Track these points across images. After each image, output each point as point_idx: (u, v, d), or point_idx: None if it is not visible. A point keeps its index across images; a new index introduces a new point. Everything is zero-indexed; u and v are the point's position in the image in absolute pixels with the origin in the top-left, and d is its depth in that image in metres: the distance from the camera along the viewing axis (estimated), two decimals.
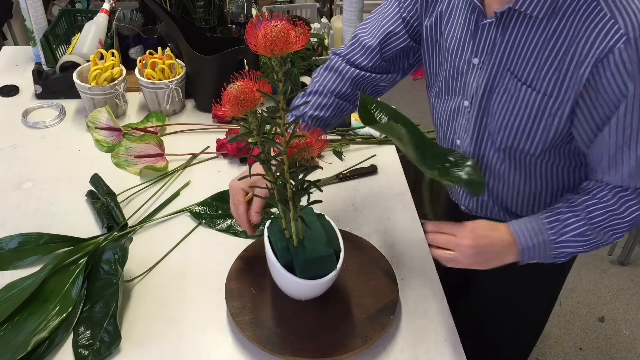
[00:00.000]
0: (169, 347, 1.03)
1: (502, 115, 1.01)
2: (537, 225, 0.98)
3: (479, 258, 0.98)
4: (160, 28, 1.67)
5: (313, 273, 1.00)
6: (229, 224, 1.27)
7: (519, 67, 0.95)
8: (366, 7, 1.84)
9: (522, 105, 0.97)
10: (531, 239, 0.97)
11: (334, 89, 1.17)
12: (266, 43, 0.79)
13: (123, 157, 1.45)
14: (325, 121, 1.17)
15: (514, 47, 0.95)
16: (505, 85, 0.98)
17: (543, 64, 0.92)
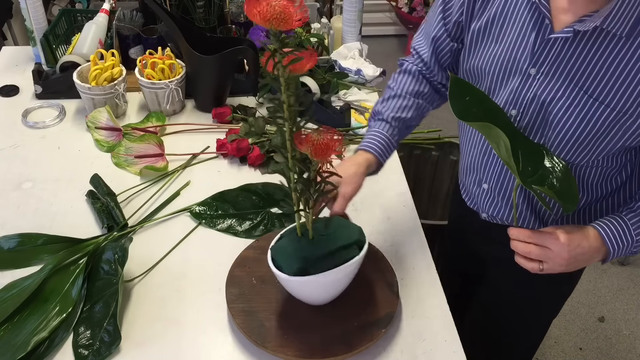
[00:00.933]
0: (169, 347, 1.03)
1: (565, 128, 0.98)
2: (624, 227, 0.98)
3: (570, 266, 0.97)
4: (160, 28, 1.67)
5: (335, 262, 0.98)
6: (229, 224, 1.27)
7: (590, 83, 0.93)
8: (366, 7, 1.84)
9: (590, 120, 0.95)
10: (621, 242, 0.98)
11: (412, 89, 1.18)
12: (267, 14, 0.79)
13: (123, 157, 1.45)
14: (407, 122, 1.17)
15: (586, 63, 0.93)
16: (570, 99, 0.95)
17: (622, 81, 0.90)
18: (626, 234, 0.98)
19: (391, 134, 1.15)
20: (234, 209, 1.30)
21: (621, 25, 0.87)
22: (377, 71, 1.71)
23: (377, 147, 1.13)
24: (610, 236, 0.98)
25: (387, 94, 1.20)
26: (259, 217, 1.28)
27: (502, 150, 0.91)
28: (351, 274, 1.03)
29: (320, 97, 1.62)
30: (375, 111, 1.19)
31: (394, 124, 1.16)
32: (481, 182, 1.16)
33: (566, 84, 0.96)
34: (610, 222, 0.99)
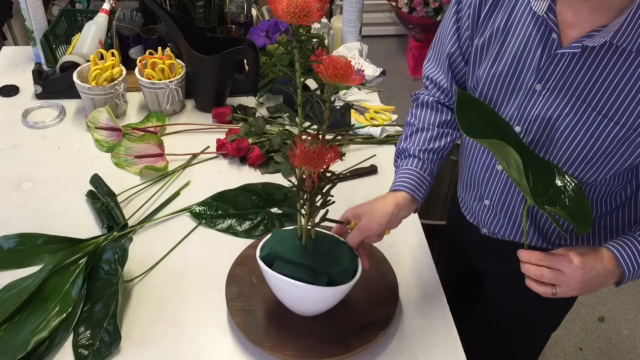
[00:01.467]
0: (169, 347, 1.03)
1: (573, 146, 0.96)
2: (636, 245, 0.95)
3: (584, 290, 0.94)
4: (160, 28, 1.67)
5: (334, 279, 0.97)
6: (229, 224, 1.27)
7: (599, 100, 0.91)
8: (366, 7, 1.84)
9: (599, 138, 0.93)
10: (637, 264, 0.95)
11: (434, 120, 1.12)
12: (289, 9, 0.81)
13: (123, 157, 1.45)
14: (438, 152, 1.11)
15: (595, 79, 0.91)
16: (577, 116, 0.93)
17: (632, 97, 0.88)
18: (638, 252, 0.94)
19: (421, 167, 1.08)
20: (234, 209, 1.30)
21: (632, 40, 0.85)
22: (377, 71, 1.71)
23: (407, 183, 1.05)
24: (625, 257, 0.94)
25: (408, 131, 1.14)
26: (259, 217, 1.28)
27: (512, 169, 0.88)
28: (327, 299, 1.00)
29: None
30: (399, 150, 1.13)
31: (423, 157, 1.09)
32: (482, 198, 1.13)
33: (573, 100, 0.93)
34: (625, 242, 0.95)
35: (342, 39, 1.83)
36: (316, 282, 0.96)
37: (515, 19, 0.96)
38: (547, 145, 0.98)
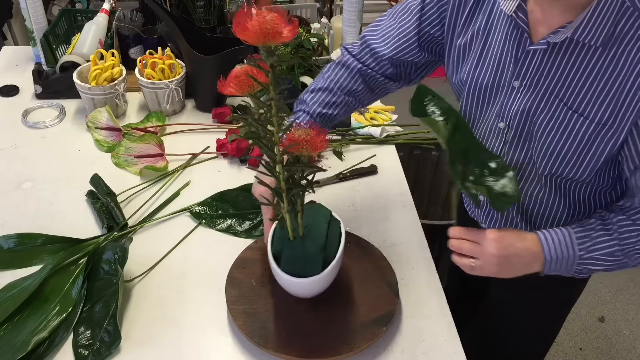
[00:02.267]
0: (169, 347, 1.03)
1: (548, 141, 0.97)
2: (567, 239, 0.96)
3: (504, 267, 0.96)
4: (160, 28, 1.67)
5: (296, 270, 1.00)
6: (229, 224, 1.27)
7: (570, 95, 0.93)
8: (366, 7, 1.84)
9: (571, 133, 0.94)
10: (559, 252, 0.96)
11: (345, 85, 1.15)
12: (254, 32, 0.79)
13: (123, 157, 1.45)
14: (331, 119, 1.16)
15: (565, 75, 0.92)
16: (552, 111, 0.95)
17: (599, 92, 0.90)
18: (567, 246, 0.96)
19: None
20: (234, 209, 1.30)
21: (594, 36, 0.87)
22: None
23: None
24: (548, 242, 0.96)
25: (319, 84, 1.16)
26: (259, 217, 1.28)
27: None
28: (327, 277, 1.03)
29: None
30: (301, 100, 1.16)
31: (317, 120, 1.13)
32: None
33: (547, 96, 0.95)
34: (555, 231, 0.97)
35: (342, 39, 1.83)
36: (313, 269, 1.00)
37: (494, 20, 0.99)
38: (528, 140, 1.00)
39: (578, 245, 0.96)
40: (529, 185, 1.06)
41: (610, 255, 0.95)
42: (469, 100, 1.07)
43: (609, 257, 0.95)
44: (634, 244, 0.94)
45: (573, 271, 0.98)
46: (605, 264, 0.96)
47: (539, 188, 1.05)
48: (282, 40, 0.81)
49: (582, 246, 0.96)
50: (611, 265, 0.96)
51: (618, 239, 0.95)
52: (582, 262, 0.96)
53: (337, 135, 1.53)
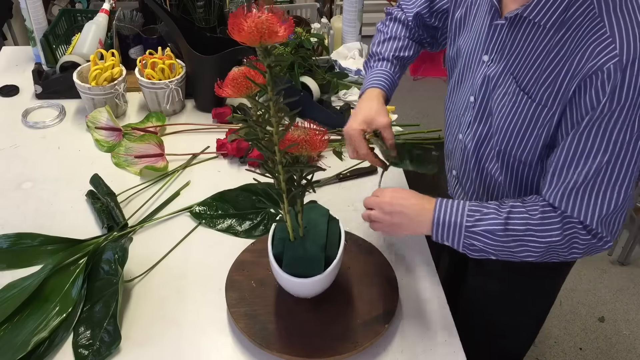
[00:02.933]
0: (169, 347, 1.03)
1: (500, 117, 1.00)
2: (460, 207, 0.97)
3: (394, 218, 0.99)
4: (160, 28, 1.67)
5: (297, 271, 1.00)
6: (229, 224, 1.27)
7: (521, 73, 0.95)
8: (366, 7, 1.84)
9: (517, 111, 0.97)
10: (448, 216, 0.97)
11: (405, 33, 1.24)
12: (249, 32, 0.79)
13: (123, 157, 1.45)
14: (404, 61, 1.23)
15: (520, 52, 0.95)
16: (506, 88, 0.98)
17: (542, 73, 0.92)
18: (457, 214, 0.96)
19: (394, 71, 1.21)
20: (234, 209, 1.30)
21: (544, 16, 0.89)
22: None
23: (385, 82, 1.18)
24: (442, 206, 0.98)
25: (381, 38, 1.25)
26: (259, 217, 1.28)
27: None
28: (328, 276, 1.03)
29: (320, 97, 1.61)
30: (373, 52, 1.24)
31: (395, 62, 1.21)
32: (451, 169, 1.21)
33: (504, 72, 0.98)
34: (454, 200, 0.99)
35: (342, 39, 1.83)
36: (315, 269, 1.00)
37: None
38: (488, 115, 1.03)
39: (467, 215, 0.96)
40: (488, 162, 1.08)
41: (491, 233, 0.94)
42: (454, 75, 1.13)
43: (492, 235, 0.94)
44: (519, 232, 0.94)
45: (462, 244, 0.97)
46: (489, 244, 0.95)
47: (496, 167, 1.07)
48: (278, 40, 0.81)
49: (471, 217, 0.96)
50: (495, 247, 0.95)
51: (505, 221, 0.94)
52: (468, 234, 0.96)
53: (337, 135, 1.53)
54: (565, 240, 0.93)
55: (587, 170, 0.89)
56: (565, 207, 0.92)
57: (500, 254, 0.97)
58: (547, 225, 0.93)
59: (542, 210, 0.94)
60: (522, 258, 0.97)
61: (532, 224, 0.93)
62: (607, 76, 0.83)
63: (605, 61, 0.83)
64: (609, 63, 0.83)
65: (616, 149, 0.87)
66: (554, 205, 0.93)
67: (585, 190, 0.90)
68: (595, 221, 0.91)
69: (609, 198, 0.90)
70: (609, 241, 0.94)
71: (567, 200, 0.92)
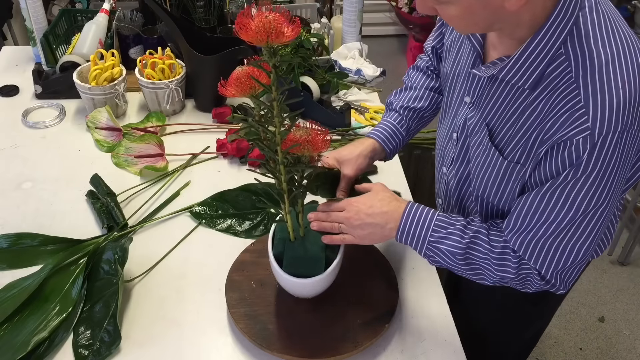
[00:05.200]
0: (169, 347, 1.03)
1: (476, 165, 0.99)
2: (428, 220, 0.96)
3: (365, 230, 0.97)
4: (160, 28, 1.67)
5: (298, 271, 1.00)
6: (229, 224, 1.27)
7: (495, 128, 0.94)
8: (366, 7, 1.84)
9: (490, 164, 0.96)
10: (414, 228, 0.96)
11: (423, 83, 1.23)
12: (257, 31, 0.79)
13: (123, 157, 1.45)
14: (419, 112, 1.21)
15: (495, 106, 0.93)
16: (481, 138, 0.97)
17: (515, 132, 0.90)
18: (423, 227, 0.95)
19: (399, 122, 1.19)
20: (234, 209, 1.30)
21: (521, 78, 0.86)
22: (377, 71, 1.71)
23: (382, 134, 1.17)
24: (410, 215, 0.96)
25: (401, 88, 1.25)
26: (259, 217, 1.28)
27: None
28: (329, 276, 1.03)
29: (320, 97, 1.62)
30: (387, 103, 1.24)
31: (403, 113, 1.20)
32: (437, 196, 1.20)
33: (481, 120, 0.97)
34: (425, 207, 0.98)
35: (342, 39, 1.83)
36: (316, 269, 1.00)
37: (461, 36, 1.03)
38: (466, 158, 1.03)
39: (432, 231, 0.95)
40: (468, 203, 1.07)
41: (452, 255, 0.94)
42: (443, 100, 1.12)
43: (452, 256, 0.94)
44: (477, 260, 0.94)
45: (424, 254, 0.97)
46: (448, 262, 0.95)
47: (475, 209, 1.05)
48: (286, 40, 0.81)
49: (435, 234, 0.95)
50: (453, 266, 0.95)
51: (467, 246, 0.93)
52: (430, 247, 0.96)
53: (337, 135, 1.53)
54: (520, 278, 0.94)
55: (547, 227, 0.88)
56: (524, 254, 0.92)
57: (457, 272, 0.98)
58: (504, 261, 0.93)
59: (503, 245, 0.93)
60: (477, 280, 0.98)
61: (491, 257, 0.93)
62: (575, 148, 0.81)
63: (576, 133, 0.80)
64: (579, 136, 0.80)
65: (578, 213, 0.85)
66: (513, 249, 0.93)
67: (545, 244, 0.89)
68: (550, 273, 0.92)
69: (567, 254, 0.89)
70: (561, 289, 0.95)
71: (526, 248, 0.91)
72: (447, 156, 1.09)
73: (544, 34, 0.82)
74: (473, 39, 0.95)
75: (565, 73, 0.82)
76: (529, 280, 0.94)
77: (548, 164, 0.85)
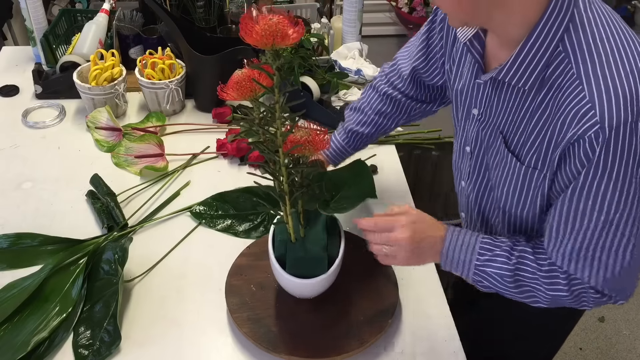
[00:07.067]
0: (169, 347, 1.03)
1: (496, 175, 0.98)
2: (472, 243, 0.94)
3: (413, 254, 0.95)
4: (160, 28, 1.67)
5: (301, 272, 1.00)
6: (229, 223, 1.27)
7: (509, 134, 0.92)
8: (366, 7, 1.84)
9: (509, 172, 0.94)
10: (458, 254, 0.95)
11: (375, 106, 1.24)
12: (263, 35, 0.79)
13: (123, 157, 1.45)
14: (365, 137, 1.26)
15: (506, 113, 0.92)
16: (496, 146, 0.95)
17: (528, 136, 0.89)
18: (467, 251, 0.94)
19: (347, 143, 1.26)
20: (234, 209, 1.30)
21: (520, 79, 0.85)
22: (377, 71, 1.71)
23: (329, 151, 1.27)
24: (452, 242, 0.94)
25: (355, 105, 1.27)
26: (259, 218, 1.28)
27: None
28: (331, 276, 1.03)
29: (320, 97, 1.61)
30: (345, 115, 1.28)
31: (350, 136, 1.25)
32: (460, 210, 1.19)
33: (494, 129, 0.96)
34: (465, 231, 0.96)
35: (342, 39, 1.83)
36: (319, 269, 1.01)
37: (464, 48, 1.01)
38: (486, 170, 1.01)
39: (478, 254, 0.93)
40: (491, 214, 1.06)
41: (500, 277, 0.92)
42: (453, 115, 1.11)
43: (500, 278, 0.92)
44: (527, 280, 0.92)
45: (471, 279, 0.96)
46: (496, 284, 0.93)
47: (497, 220, 1.04)
48: (290, 42, 0.81)
49: (481, 257, 0.93)
50: (503, 288, 0.93)
51: (515, 267, 0.91)
52: (477, 271, 0.94)
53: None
54: (574, 295, 0.91)
55: (583, 234, 0.85)
56: (568, 268, 0.89)
57: (508, 296, 0.95)
58: (553, 279, 0.90)
59: (549, 262, 0.91)
60: (532, 304, 0.95)
61: (540, 276, 0.91)
62: (589, 145, 0.78)
63: (587, 129, 0.78)
64: (590, 132, 0.77)
65: (610, 213, 0.82)
66: (557, 265, 0.90)
67: (585, 254, 0.86)
68: (601, 283, 0.88)
69: (613, 261, 0.86)
70: (620, 299, 0.91)
71: (569, 261, 0.88)
72: (464, 170, 1.08)
73: (539, 32, 0.81)
74: (473, 49, 0.93)
75: (567, 71, 0.81)
76: (584, 296, 0.91)
77: (568, 168, 0.83)
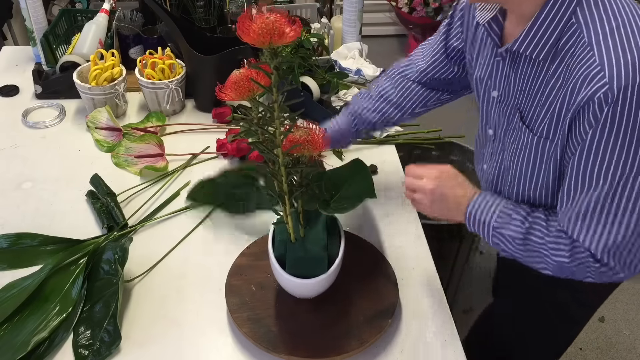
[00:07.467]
0: (169, 347, 1.03)
1: (511, 153, 1.01)
2: (493, 208, 0.98)
3: (435, 205, 1.02)
4: (160, 28, 1.67)
5: (301, 272, 1.00)
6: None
7: (524, 108, 0.95)
8: (366, 7, 1.84)
9: (523, 145, 0.97)
10: (479, 214, 0.99)
11: (385, 94, 1.26)
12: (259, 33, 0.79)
13: (123, 157, 1.45)
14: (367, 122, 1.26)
15: (522, 87, 0.95)
16: (513, 124, 0.98)
17: (542, 106, 0.92)
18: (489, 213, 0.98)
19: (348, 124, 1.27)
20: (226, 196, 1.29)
21: (535, 49, 0.89)
22: (377, 71, 1.71)
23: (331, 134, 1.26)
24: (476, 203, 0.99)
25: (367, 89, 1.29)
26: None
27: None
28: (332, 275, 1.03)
29: (320, 97, 1.61)
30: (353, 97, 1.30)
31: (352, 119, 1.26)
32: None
33: (512, 108, 0.98)
34: (491, 194, 1.00)
35: (342, 39, 1.83)
36: (319, 269, 1.01)
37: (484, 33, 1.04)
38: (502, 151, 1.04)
39: (498, 217, 0.97)
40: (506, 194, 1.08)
41: (513, 239, 0.96)
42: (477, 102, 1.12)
43: (513, 241, 0.96)
44: (535, 245, 0.94)
45: (490, 241, 0.99)
46: (510, 248, 0.97)
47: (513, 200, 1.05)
48: (287, 41, 0.81)
49: (499, 219, 0.97)
50: (515, 251, 0.97)
51: (526, 230, 0.95)
52: (494, 233, 0.98)
53: None
54: (576, 263, 0.91)
55: (587, 197, 0.87)
56: (572, 232, 0.91)
57: (521, 260, 0.98)
58: (558, 245, 0.92)
59: (558, 229, 0.93)
60: (540, 269, 0.96)
61: (546, 240, 0.93)
62: (598, 106, 0.81)
63: (595, 90, 0.80)
64: (599, 92, 0.80)
65: (616, 178, 0.84)
66: (564, 230, 0.92)
67: (587, 217, 0.88)
68: (601, 251, 0.89)
69: (616, 228, 0.87)
70: (618, 272, 0.91)
71: (574, 225, 0.90)
72: (486, 154, 1.11)
73: (551, 6, 0.86)
74: (491, 31, 0.97)
75: (579, 40, 0.85)
76: (586, 263, 0.91)
77: (577, 132, 0.86)
